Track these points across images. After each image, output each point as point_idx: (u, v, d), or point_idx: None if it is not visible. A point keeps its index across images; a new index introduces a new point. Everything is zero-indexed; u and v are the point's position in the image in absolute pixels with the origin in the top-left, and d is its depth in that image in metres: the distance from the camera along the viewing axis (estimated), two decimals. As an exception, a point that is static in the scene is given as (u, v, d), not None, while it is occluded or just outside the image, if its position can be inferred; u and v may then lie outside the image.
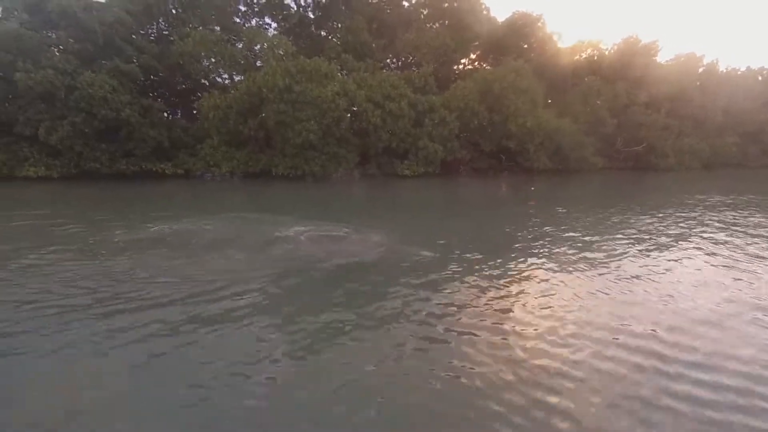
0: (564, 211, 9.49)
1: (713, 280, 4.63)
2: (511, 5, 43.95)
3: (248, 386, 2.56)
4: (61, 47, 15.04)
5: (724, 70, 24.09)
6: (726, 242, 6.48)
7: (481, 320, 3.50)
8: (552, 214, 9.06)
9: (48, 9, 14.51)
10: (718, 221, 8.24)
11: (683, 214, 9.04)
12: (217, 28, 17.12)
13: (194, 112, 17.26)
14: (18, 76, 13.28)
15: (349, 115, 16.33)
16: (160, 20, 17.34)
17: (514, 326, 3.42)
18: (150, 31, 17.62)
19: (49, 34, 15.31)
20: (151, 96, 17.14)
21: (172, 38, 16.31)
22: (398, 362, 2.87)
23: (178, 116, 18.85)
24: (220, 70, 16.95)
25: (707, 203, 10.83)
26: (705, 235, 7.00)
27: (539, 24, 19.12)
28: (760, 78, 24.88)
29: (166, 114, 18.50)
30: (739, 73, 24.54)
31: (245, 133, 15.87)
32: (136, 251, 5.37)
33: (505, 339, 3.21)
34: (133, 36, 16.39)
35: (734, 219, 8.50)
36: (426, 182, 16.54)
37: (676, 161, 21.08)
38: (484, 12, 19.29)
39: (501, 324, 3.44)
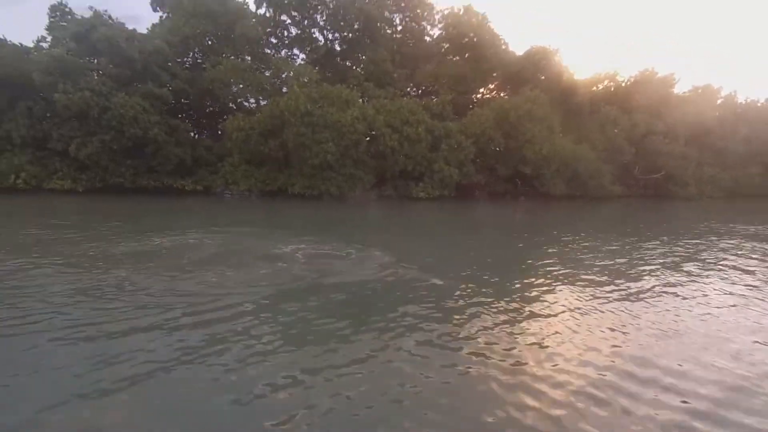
0: (572, 237, 9.22)
1: (715, 311, 4.47)
2: (529, 41, 45.74)
3: (215, 405, 2.47)
4: (100, 71, 16.05)
5: (743, 102, 24.20)
6: (738, 275, 6.07)
7: (466, 343, 3.44)
8: (557, 240, 8.87)
9: (94, 38, 15.70)
10: (729, 252, 7.79)
11: (693, 242, 8.76)
12: (248, 58, 18.19)
13: (219, 132, 17.85)
14: (57, 96, 14.08)
15: (367, 138, 16.65)
16: (196, 50, 18.55)
17: (503, 350, 3.35)
18: (186, 59, 18.81)
19: (92, 60, 16.46)
20: (180, 117, 17.91)
21: (204, 66, 17.33)
22: (372, 382, 2.79)
23: (204, 136, 19.55)
24: (247, 95, 17.74)
25: (719, 233, 10.39)
26: (713, 266, 6.65)
27: (556, 58, 19.84)
28: None
29: (193, 134, 19.26)
30: (759, 104, 24.57)
31: (265, 153, 16.23)
32: (131, 265, 5.40)
33: (488, 359, 3.15)
34: (169, 63, 17.48)
35: (752, 251, 8.00)
36: (441, 205, 16.38)
37: (697, 190, 20.60)
38: (503, 46, 20.18)
39: (489, 348, 3.37)
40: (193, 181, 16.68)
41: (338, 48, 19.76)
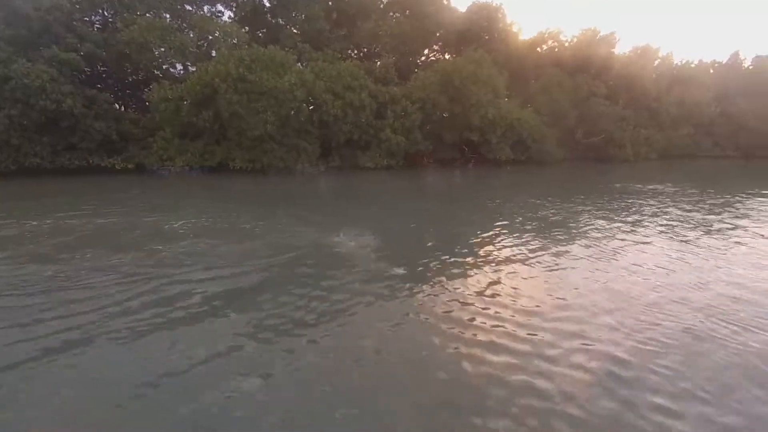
0: (514, 204, 9.40)
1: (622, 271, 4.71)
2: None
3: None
4: (-10, 33, 13.94)
5: (679, 63, 25.11)
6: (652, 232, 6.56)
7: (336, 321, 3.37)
8: (499, 207, 8.94)
9: (-26, -9, 13.39)
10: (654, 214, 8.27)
11: (623, 203, 9.42)
12: (167, 16, 16.30)
13: (146, 104, 16.47)
14: (-60, 63, 12.25)
15: (310, 107, 16.04)
16: (105, 6, 16.32)
17: (407, 313, 3.46)
18: (94, 18, 16.58)
19: (-22, 19, 14.17)
20: (98, 87, 16.23)
21: (118, 25, 15.42)
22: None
23: (131, 109, 18.00)
24: (172, 60, 16.19)
25: (653, 193, 11.27)
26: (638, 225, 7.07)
27: (499, 15, 19.23)
28: (711, 71, 26.04)
29: (117, 105, 17.65)
30: (692, 66, 25.60)
31: (199, 126, 15.33)
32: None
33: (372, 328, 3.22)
34: (75, 22, 15.37)
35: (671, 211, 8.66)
36: (389, 175, 16.50)
37: (633, 152, 21.90)
38: (445, 2, 19.20)
39: (369, 312, 3.45)
40: (123, 159, 15.65)
41: (267, 3, 18.01)
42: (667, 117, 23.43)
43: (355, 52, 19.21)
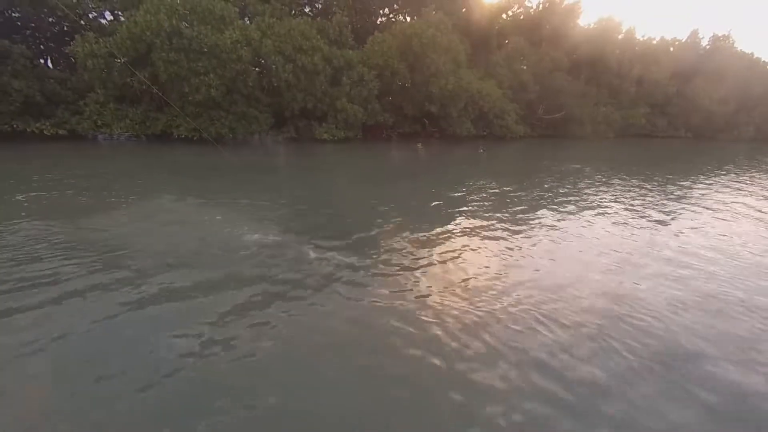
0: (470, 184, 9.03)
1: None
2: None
3: None
4: None
5: (641, 39, 25.12)
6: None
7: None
8: (449, 186, 8.66)
9: None
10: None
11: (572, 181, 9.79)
12: (85, -47, 14.16)
13: (73, 60, 14.84)
14: None
15: (257, 69, 15.07)
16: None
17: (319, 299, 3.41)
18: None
19: None
20: (13, 38, 14.32)
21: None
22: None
23: (59, 68, 16.19)
24: (97, 7, 14.38)
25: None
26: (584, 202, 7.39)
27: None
28: (671, 49, 26.36)
29: (42, 62, 15.83)
30: (654, 42, 25.74)
31: (136, 88, 14.16)
32: None
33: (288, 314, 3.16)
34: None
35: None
36: (346, 148, 16.18)
37: (591, 130, 22.50)
38: (405, -44, 17.72)
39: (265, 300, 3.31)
40: (53, 124, 14.40)
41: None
42: (627, 95, 23.92)
43: (307, 8, 17.68)
